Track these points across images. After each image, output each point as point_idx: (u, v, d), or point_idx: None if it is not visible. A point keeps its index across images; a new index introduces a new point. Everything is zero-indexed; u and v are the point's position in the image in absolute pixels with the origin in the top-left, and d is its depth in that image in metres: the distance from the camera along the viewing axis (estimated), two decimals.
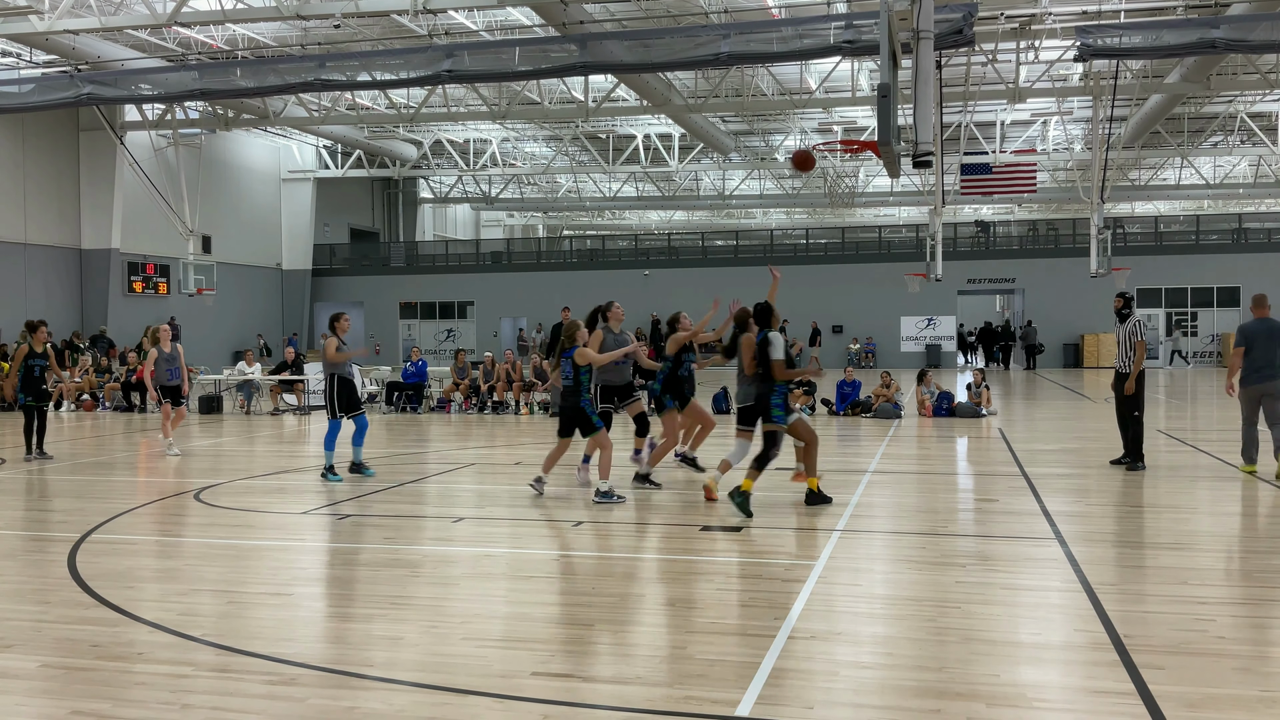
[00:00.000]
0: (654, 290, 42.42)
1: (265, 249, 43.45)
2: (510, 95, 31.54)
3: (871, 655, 5.23)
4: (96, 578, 6.90)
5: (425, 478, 11.88)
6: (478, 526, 8.86)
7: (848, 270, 42.31)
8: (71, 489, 11.17)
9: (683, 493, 10.46)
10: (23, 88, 20.60)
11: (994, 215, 54.50)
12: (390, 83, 19.54)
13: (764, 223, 59.02)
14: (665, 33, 19.08)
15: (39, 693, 4.80)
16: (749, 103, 29.85)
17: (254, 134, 41.00)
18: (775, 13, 23.94)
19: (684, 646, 5.36)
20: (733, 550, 7.76)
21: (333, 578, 7.16)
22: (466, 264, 47.61)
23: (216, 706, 4.58)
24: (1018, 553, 7.55)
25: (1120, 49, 17.51)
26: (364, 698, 4.68)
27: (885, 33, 10.30)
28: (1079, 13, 24.01)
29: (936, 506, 9.70)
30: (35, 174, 33.06)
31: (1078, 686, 4.80)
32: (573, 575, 7.02)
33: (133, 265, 35.85)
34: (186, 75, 19.68)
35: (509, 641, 5.48)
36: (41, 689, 4.84)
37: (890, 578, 6.86)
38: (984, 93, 28.80)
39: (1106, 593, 6.30)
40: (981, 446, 14.51)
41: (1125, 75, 26.83)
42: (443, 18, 24.98)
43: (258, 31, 27.06)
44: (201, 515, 9.45)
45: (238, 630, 5.77)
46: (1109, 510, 9.37)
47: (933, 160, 10.99)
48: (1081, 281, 32.80)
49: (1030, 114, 37.03)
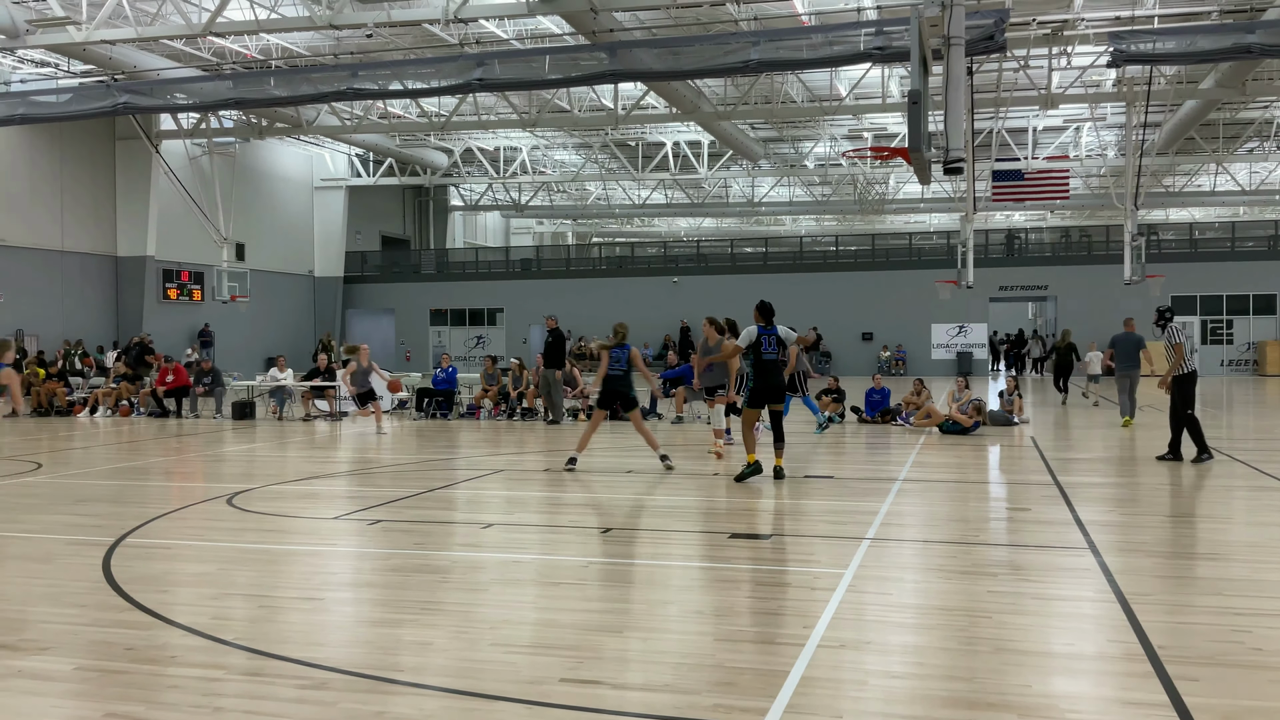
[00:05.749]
0: (683, 297, 42.45)
1: (298, 256, 43.85)
2: (540, 103, 31.67)
3: (901, 664, 5.19)
4: (131, 581, 6.97)
5: (455, 483, 11.93)
6: (507, 532, 8.89)
7: (878, 277, 42.14)
8: (107, 493, 11.30)
9: (711, 499, 10.45)
10: (60, 97, 20.91)
11: (1026, 222, 54.13)
12: (421, 91, 19.66)
13: (793, 229, 58.89)
14: (695, 40, 19.11)
15: (74, 694, 4.85)
16: (778, 110, 29.83)
17: (287, 142, 41.38)
18: (805, 20, 23.91)
19: (712, 654, 5.35)
20: (761, 558, 7.74)
21: (363, 582, 7.20)
22: (496, 271, 47.82)
23: (248, 710, 4.62)
24: (1050, 562, 7.48)
25: (1154, 54, 17.34)
26: (394, 702, 4.70)
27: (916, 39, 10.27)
28: (1112, 18, 23.83)
29: (967, 515, 9.63)
30: (72, 182, 33.53)
31: (1111, 698, 4.75)
32: (601, 582, 7.02)
33: (168, 272, 36.28)
34: (221, 84, 19.92)
35: (538, 647, 5.49)
36: (76, 691, 4.90)
37: (920, 587, 6.82)
38: (1016, 99, 28.63)
39: (1140, 603, 6.23)
40: (1013, 455, 14.40)
41: (1159, 81, 26.58)
42: (474, 27, 25.13)
43: (291, 41, 27.34)
44: (234, 520, 9.53)
45: (269, 634, 5.81)
46: (1143, 520, 9.27)
47: (964, 167, 10.95)
48: (1115, 289, 32.50)
49: (1063, 120, 36.74)
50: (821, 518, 9.44)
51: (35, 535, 8.84)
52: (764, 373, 11.57)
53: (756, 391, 11.61)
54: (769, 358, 11.63)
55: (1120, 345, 18.61)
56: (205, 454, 15.37)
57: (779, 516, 9.66)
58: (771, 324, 11.71)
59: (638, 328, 43.03)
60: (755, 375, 11.60)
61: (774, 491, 10.84)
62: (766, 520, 9.47)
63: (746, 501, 10.32)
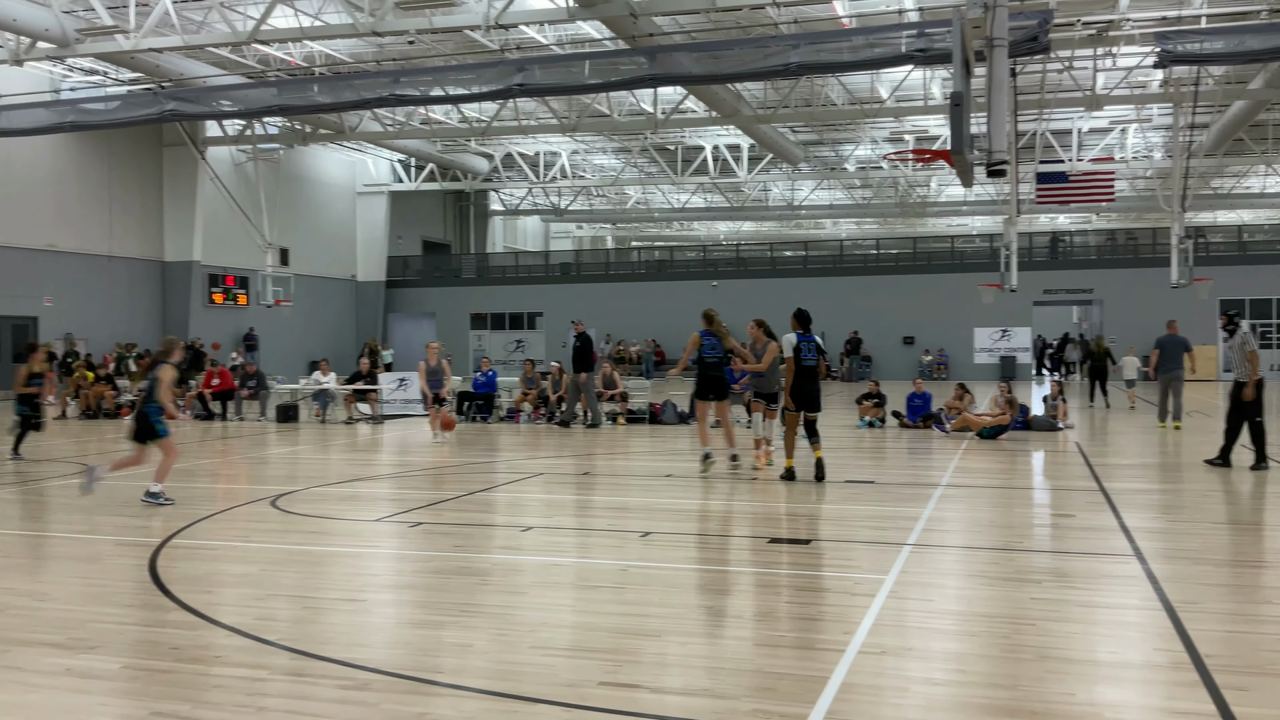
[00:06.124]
0: (722, 301, 42.17)
1: (341, 261, 44.29)
2: (580, 108, 31.76)
3: (943, 671, 5.15)
4: (176, 582, 7.07)
5: (494, 487, 11.98)
6: (546, 536, 8.91)
7: (919, 281, 41.82)
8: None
9: (750, 504, 10.42)
10: (109, 104, 21.24)
11: (1071, 224, 53.51)
12: (462, 97, 19.80)
13: (834, 233, 58.61)
14: (734, 44, 19.07)
15: (120, 693, 4.93)
16: (819, 112, 29.70)
17: (330, 149, 41.80)
18: (846, 22, 23.80)
19: (751, 659, 5.33)
20: (801, 563, 7.70)
21: (404, 584, 7.25)
22: (536, 275, 48.02)
23: (291, 710, 4.66)
24: (1095, 569, 7.38)
25: (1201, 55, 17.08)
26: (434, 704, 4.73)
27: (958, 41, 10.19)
28: (1158, 18, 23.49)
29: (1011, 521, 9.53)
30: (121, 189, 34.08)
31: (1157, 707, 4.68)
32: (640, 586, 7.02)
33: (213, 277, 36.77)
34: (266, 91, 20.15)
35: (577, 651, 5.50)
36: (123, 689, 4.97)
37: (963, 593, 6.75)
38: (1060, 100, 28.31)
39: (1188, 611, 6.13)
40: (1058, 461, 14.23)
41: (1207, 81, 26.18)
42: (514, 33, 25.24)
43: (335, 48, 27.63)
44: (278, 522, 9.63)
45: (312, 635, 5.87)
46: (1190, 526, 9.12)
47: (1007, 169, 10.85)
48: (1162, 292, 32.01)
49: (1108, 121, 36.26)
50: (862, 523, 9.38)
51: (84, 536, 9.00)
52: (804, 379, 11.73)
53: (796, 397, 11.78)
54: (809, 364, 11.82)
55: (1165, 348, 18.53)
56: (249, 456, 15.55)
57: (819, 521, 9.61)
58: (809, 331, 11.87)
59: (676, 332, 43.34)
60: (796, 381, 11.70)
61: (814, 496, 10.79)
62: (806, 525, 9.43)
63: (786, 506, 10.28)
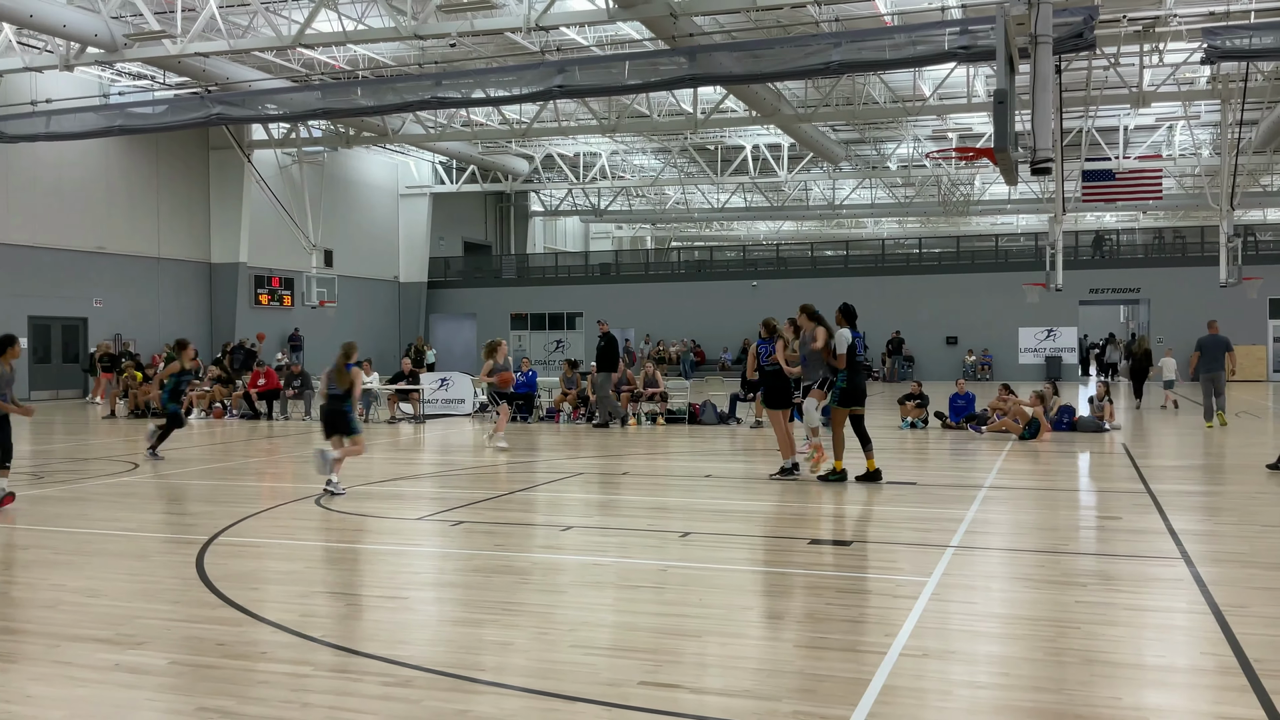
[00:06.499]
0: (762, 301, 42.14)
1: (383, 262, 44.66)
2: (620, 109, 31.80)
3: (987, 675, 5.10)
4: (223, 579, 7.16)
5: (534, 486, 12.03)
6: (586, 535, 8.94)
7: (963, 280, 41.43)
8: (200, 493, 11.63)
9: (791, 504, 10.38)
10: (157, 108, 21.55)
11: (1117, 223, 52.78)
12: (503, 99, 19.87)
13: (875, 232, 58.22)
14: (775, 43, 19.02)
15: (168, 689, 5.00)
16: (860, 111, 29.51)
17: (373, 151, 42.17)
18: (888, 20, 23.64)
19: (792, 660, 5.31)
20: (842, 565, 7.66)
21: (445, 582, 7.31)
22: (576, 275, 48.13)
23: (334, 706, 4.71)
24: (1141, 572, 7.28)
25: (1249, 50, 16.77)
26: (476, 701, 4.76)
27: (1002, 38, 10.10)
28: (1205, 14, 23.11)
29: (1056, 523, 9.42)
30: (168, 191, 34.57)
31: (1204, 712, 4.61)
32: (680, 586, 7.01)
33: (259, 278, 37.21)
34: (310, 95, 20.37)
35: (617, 650, 5.51)
36: (170, 685, 5.05)
37: (1007, 596, 6.69)
38: (1106, 97, 27.92)
39: (1236, 615, 6.03)
40: (1104, 462, 14.05)
41: (1255, 77, 25.72)
42: (555, 34, 25.33)
43: (377, 52, 27.88)
44: (321, 520, 9.74)
45: (355, 632, 5.93)
46: (1239, 529, 8.97)
47: (1052, 167, 10.73)
48: (1210, 291, 31.49)
49: (1155, 118, 35.73)
50: (904, 524, 9.32)
51: (132, 533, 9.14)
52: (856, 373, 11.74)
53: (847, 392, 11.70)
54: (861, 359, 11.85)
55: (1205, 348, 18.56)
56: (294, 455, 15.73)
57: (861, 523, 9.57)
58: (856, 326, 11.80)
59: (716, 332, 43.27)
60: (848, 376, 11.65)
61: (855, 497, 10.73)
62: (848, 526, 9.39)
63: (827, 507, 10.23)
